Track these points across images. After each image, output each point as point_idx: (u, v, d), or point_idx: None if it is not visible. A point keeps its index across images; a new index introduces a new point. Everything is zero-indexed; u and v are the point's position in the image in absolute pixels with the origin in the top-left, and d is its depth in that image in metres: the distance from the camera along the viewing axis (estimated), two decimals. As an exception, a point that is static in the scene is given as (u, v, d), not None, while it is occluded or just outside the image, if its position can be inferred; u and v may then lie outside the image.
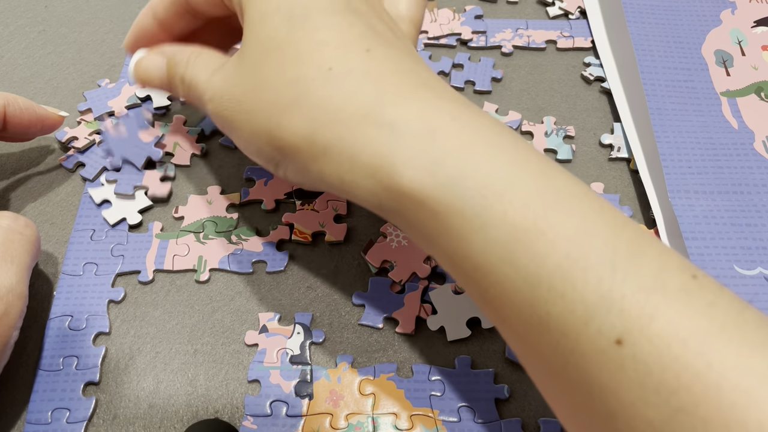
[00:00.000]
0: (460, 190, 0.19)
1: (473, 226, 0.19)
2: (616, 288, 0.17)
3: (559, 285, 0.18)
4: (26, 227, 0.28)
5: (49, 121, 0.34)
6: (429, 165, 0.20)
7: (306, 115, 0.22)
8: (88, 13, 0.43)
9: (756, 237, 0.32)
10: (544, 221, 0.19)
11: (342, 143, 0.21)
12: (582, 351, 0.18)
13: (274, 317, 0.30)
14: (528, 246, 0.19)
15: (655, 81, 0.37)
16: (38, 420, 0.27)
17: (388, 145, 0.21)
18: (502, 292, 0.19)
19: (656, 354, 0.17)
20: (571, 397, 0.19)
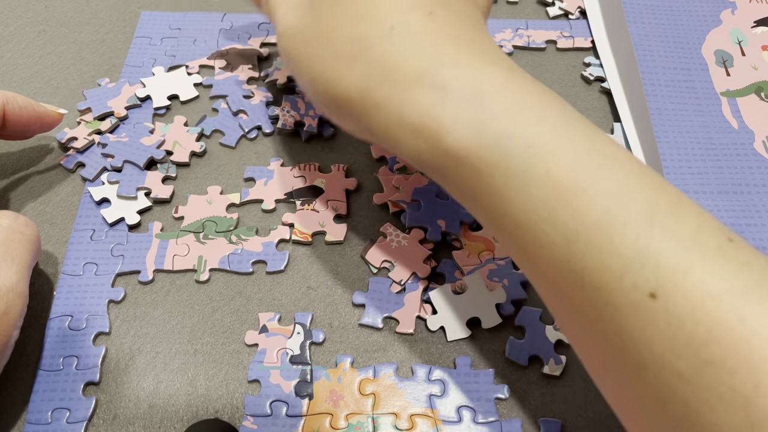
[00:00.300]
0: (506, 148, 0.20)
1: (516, 184, 0.20)
2: (653, 243, 0.18)
3: (597, 240, 0.19)
4: (27, 227, 0.28)
5: (49, 118, 0.34)
6: (476, 125, 0.21)
7: (363, 71, 0.23)
8: (88, 13, 0.43)
9: (756, 237, 0.32)
10: (585, 179, 0.19)
11: (393, 101, 0.22)
12: (616, 304, 0.18)
13: (274, 317, 0.30)
14: (568, 202, 0.19)
15: (655, 81, 0.37)
16: (38, 420, 0.27)
17: (437, 107, 0.21)
18: (540, 248, 0.20)
19: (689, 308, 0.17)
20: (603, 350, 0.19)
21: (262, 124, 0.37)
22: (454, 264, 0.32)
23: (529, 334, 0.30)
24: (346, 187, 0.35)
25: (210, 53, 0.41)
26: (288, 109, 0.37)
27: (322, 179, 0.35)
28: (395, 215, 0.34)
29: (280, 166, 0.35)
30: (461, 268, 0.32)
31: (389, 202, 0.34)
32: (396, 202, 0.34)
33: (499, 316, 0.30)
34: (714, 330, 0.17)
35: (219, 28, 0.42)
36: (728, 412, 0.16)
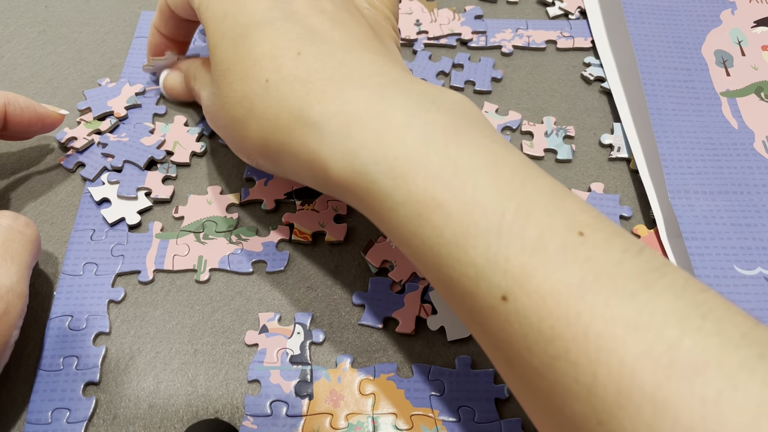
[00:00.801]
0: (374, 175, 0.22)
1: (387, 206, 0.22)
2: (501, 251, 0.19)
3: (455, 253, 0.20)
4: (27, 226, 0.28)
5: (50, 119, 0.34)
6: (348, 156, 0.22)
7: (256, 126, 0.25)
8: (88, 13, 0.43)
9: (756, 237, 0.32)
10: (440, 196, 0.21)
11: (286, 146, 0.24)
12: (479, 307, 0.20)
13: (274, 317, 0.30)
14: (429, 220, 0.21)
15: (655, 81, 0.37)
16: (38, 420, 0.27)
17: (316, 143, 0.23)
18: (420, 261, 0.22)
19: (534, 308, 0.19)
20: (485, 345, 0.22)
21: (262, 124, 0.37)
22: (454, 264, 0.32)
23: (529, 334, 0.30)
24: (346, 187, 0.34)
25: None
26: (288, 109, 0.37)
27: (322, 179, 0.35)
28: (395, 215, 0.34)
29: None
30: (461, 268, 0.32)
31: (389, 202, 0.34)
32: (396, 202, 0.34)
33: (499, 316, 0.30)
34: (555, 326, 0.18)
35: (219, 28, 0.42)
36: (575, 402, 0.18)
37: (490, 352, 0.21)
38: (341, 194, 0.24)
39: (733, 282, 0.30)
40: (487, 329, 0.20)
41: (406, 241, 0.22)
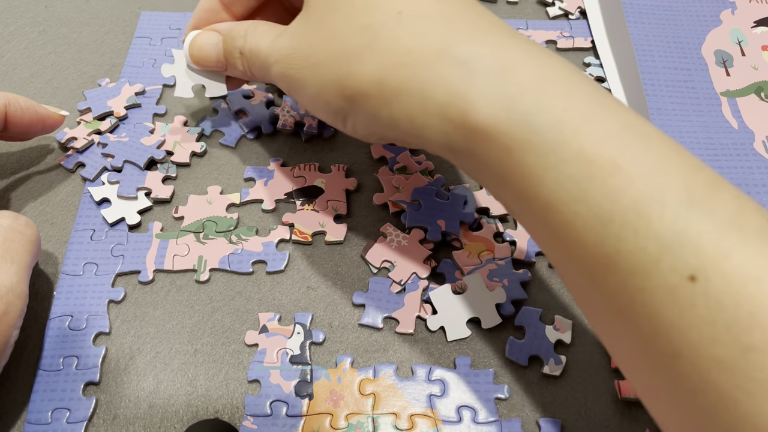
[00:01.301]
0: (536, 125, 0.19)
1: (547, 163, 0.19)
2: (692, 225, 0.17)
3: (633, 222, 0.18)
4: (27, 227, 0.28)
5: (50, 120, 0.34)
6: (504, 100, 0.20)
7: (376, 60, 0.22)
8: (88, 13, 0.43)
9: (756, 237, 0.32)
10: (621, 157, 0.18)
11: (413, 84, 0.21)
12: (652, 288, 0.18)
13: (274, 317, 0.30)
14: (603, 182, 0.18)
15: (655, 81, 0.37)
16: (38, 420, 0.27)
17: (462, 82, 0.21)
18: (572, 230, 0.19)
19: (731, 291, 0.16)
20: (634, 338, 0.19)
21: (262, 124, 0.37)
22: (454, 264, 0.32)
23: (529, 334, 0.30)
24: (346, 187, 0.35)
25: (210, 53, 0.40)
26: (288, 109, 0.37)
27: (322, 179, 0.35)
28: (395, 215, 0.34)
29: (280, 166, 0.35)
30: (461, 268, 0.32)
31: (389, 202, 0.34)
32: (396, 202, 0.34)
33: (499, 316, 0.30)
34: (757, 314, 0.16)
35: (219, 28, 0.42)
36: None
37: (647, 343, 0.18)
38: (475, 146, 0.21)
39: (733, 282, 0.30)
40: (655, 314, 0.18)
41: (561, 207, 0.19)
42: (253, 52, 0.28)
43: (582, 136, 0.19)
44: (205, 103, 0.39)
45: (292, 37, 0.26)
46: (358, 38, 0.23)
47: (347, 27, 0.23)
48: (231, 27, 0.30)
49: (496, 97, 0.20)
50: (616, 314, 0.19)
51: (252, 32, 0.28)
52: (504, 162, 0.20)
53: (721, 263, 0.17)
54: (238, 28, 0.29)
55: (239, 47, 0.29)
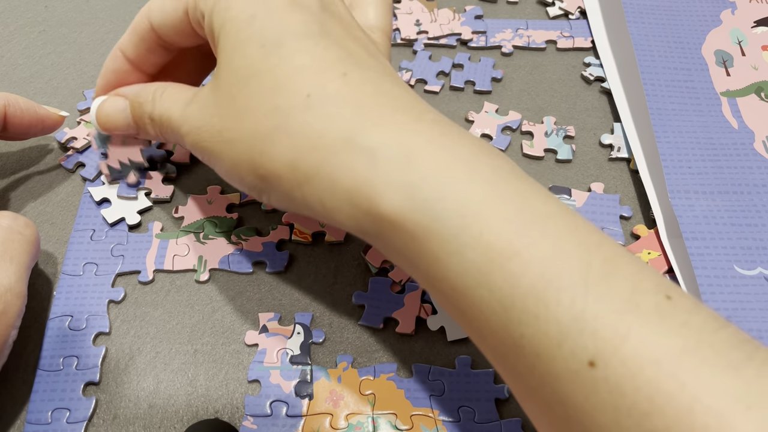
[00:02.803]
0: (438, 211, 0.20)
1: (450, 248, 0.19)
2: (588, 309, 0.17)
3: (533, 306, 0.18)
4: (26, 227, 0.28)
5: (50, 121, 0.34)
6: (406, 188, 0.20)
7: (287, 143, 0.22)
8: (88, 13, 0.43)
9: (756, 237, 0.32)
10: (518, 241, 0.19)
11: (323, 169, 0.21)
12: (556, 372, 0.18)
13: (274, 317, 0.30)
14: (502, 267, 0.19)
15: (655, 81, 0.37)
16: (38, 420, 0.27)
17: (367, 170, 0.21)
18: (479, 314, 0.19)
19: (629, 376, 0.16)
20: (549, 417, 0.19)
21: (262, 124, 0.37)
22: (454, 264, 0.32)
23: (529, 334, 0.30)
24: (346, 187, 0.34)
25: (210, 53, 0.41)
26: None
27: (322, 179, 0.35)
28: (395, 215, 0.34)
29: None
30: (461, 268, 0.32)
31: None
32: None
33: (499, 316, 0.30)
34: (655, 399, 0.16)
35: (219, 28, 0.42)
36: None
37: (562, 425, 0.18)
38: (384, 232, 0.21)
39: (733, 282, 0.30)
40: (564, 398, 0.18)
41: (467, 291, 0.19)
42: (163, 119, 0.27)
43: (482, 221, 0.19)
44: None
45: (204, 108, 0.25)
46: (270, 119, 0.22)
47: (258, 106, 0.23)
48: (138, 91, 0.29)
49: (399, 186, 0.20)
50: (530, 395, 0.19)
51: (160, 97, 0.27)
52: (411, 248, 0.21)
53: (618, 346, 0.17)
54: (145, 91, 0.28)
55: (148, 113, 0.28)
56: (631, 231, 0.34)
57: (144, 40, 0.28)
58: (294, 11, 0.23)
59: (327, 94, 0.22)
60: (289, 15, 0.23)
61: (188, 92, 0.27)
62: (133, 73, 0.30)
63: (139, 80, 0.30)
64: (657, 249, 0.33)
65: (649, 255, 0.33)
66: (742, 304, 0.30)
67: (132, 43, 0.29)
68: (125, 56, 0.29)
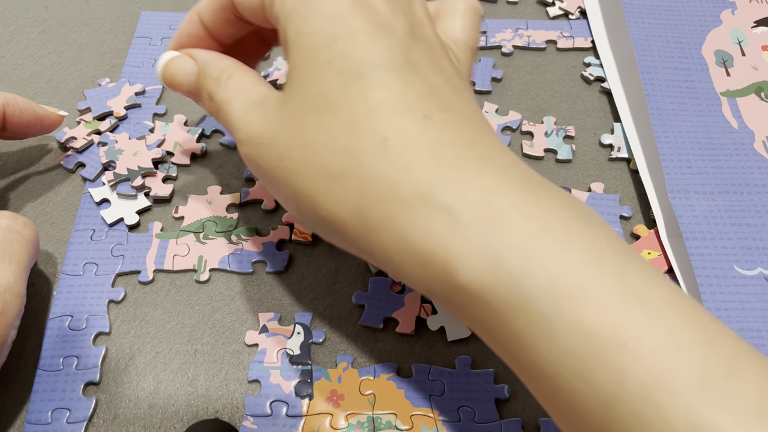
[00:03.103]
0: (526, 289, 0.18)
1: (541, 332, 0.17)
2: (709, 417, 0.16)
3: (641, 409, 0.16)
4: (25, 227, 0.28)
5: (49, 120, 0.34)
6: (490, 259, 0.18)
7: (357, 189, 0.20)
8: (88, 13, 0.43)
9: (756, 237, 0.32)
10: (624, 332, 0.17)
11: (394, 224, 0.20)
12: None
13: (274, 317, 0.30)
14: (605, 360, 0.17)
15: (655, 81, 0.37)
16: (38, 420, 0.27)
17: (445, 233, 0.19)
18: (573, 407, 0.17)
19: None
20: None
21: (262, 124, 0.37)
22: (454, 264, 0.32)
23: (529, 334, 0.30)
24: (346, 187, 0.34)
25: (210, 53, 0.40)
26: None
27: (322, 179, 0.35)
28: (395, 215, 0.34)
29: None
30: (461, 268, 0.32)
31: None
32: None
33: (499, 316, 0.30)
34: None
35: (219, 28, 0.42)
36: None
37: None
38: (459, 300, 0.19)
39: (733, 282, 0.30)
40: None
41: (559, 379, 0.17)
42: (222, 108, 0.25)
43: (579, 305, 0.17)
44: (205, 103, 0.39)
45: (268, 123, 0.23)
46: (340, 159, 0.21)
47: (329, 142, 0.21)
48: (207, 61, 0.26)
49: (481, 255, 0.18)
50: None
51: (225, 81, 0.25)
52: (492, 322, 0.19)
53: None
54: (214, 66, 0.26)
55: (209, 91, 0.26)
56: (631, 231, 0.34)
57: (222, 10, 0.27)
58: (378, 36, 0.21)
59: (405, 140, 0.20)
60: (373, 41, 0.21)
61: (255, 90, 0.24)
62: (207, 40, 0.28)
63: (212, 48, 0.28)
64: (657, 249, 0.33)
65: (649, 255, 0.33)
66: (742, 304, 0.30)
67: (210, 10, 0.27)
68: (202, 22, 0.28)
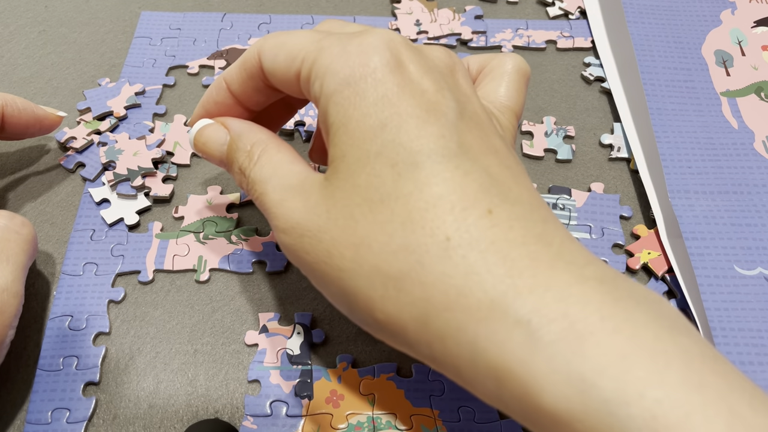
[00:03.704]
0: (622, 419, 0.16)
1: None
2: None
3: None
4: (23, 226, 0.28)
5: (48, 121, 0.34)
6: (578, 383, 0.16)
7: (419, 294, 0.19)
8: (88, 13, 0.43)
9: (756, 237, 0.32)
10: None
11: (463, 335, 0.18)
12: None
13: (274, 317, 0.30)
14: None
15: (655, 81, 0.37)
16: (38, 420, 0.27)
17: (523, 350, 0.17)
18: None
19: None
20: None
21: (262, 124, 0.37)
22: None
23: (529, 334, 0.30)
24: (346, 187, 0.34)
25: (210, 53, 0.41)
26: (288, 109, 0.37)
27: (322, 179, 0.35)
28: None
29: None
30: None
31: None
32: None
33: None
34: None
35: (219, 28, 0.42)
36: None
37: None
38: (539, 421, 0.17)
39: (733, 282, 0.30)
40: None
41: None
42: (255, 188, 0.23)
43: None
44: (205, 103, 0.39)
45: (311, 214, 0.21)
46: (398, 260, 0.19)
47: (385, 241, 0.19)
48: (240, 132, 0.25)
49: (567, 377, 0.16)
50: None
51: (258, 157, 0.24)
52: None
53: None
54: (247, 138, 0.25)
55: (241, 165, 0.24)
56: (631, 231, 0.34)
57: (252, 78, 0.25)
58: (430, 121, 0.20)
59: (470, 240, 0.18)
60: (425, 127, 0.20)
61: (291, 170, 0.23)
62: (235, 108, 0.27)
63: (240, 115, 0.27)
64: (657, 249, 0.33)
65: (649, 255, 0.33)
66: (742, 304, 0.30)
67: (240, 79, 0.26)
68: (230, 89, 0.26)
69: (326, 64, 0.21)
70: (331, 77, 0.21)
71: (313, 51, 0.22)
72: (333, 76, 0.21)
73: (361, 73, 0.21)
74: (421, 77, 0.21)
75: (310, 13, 0.43)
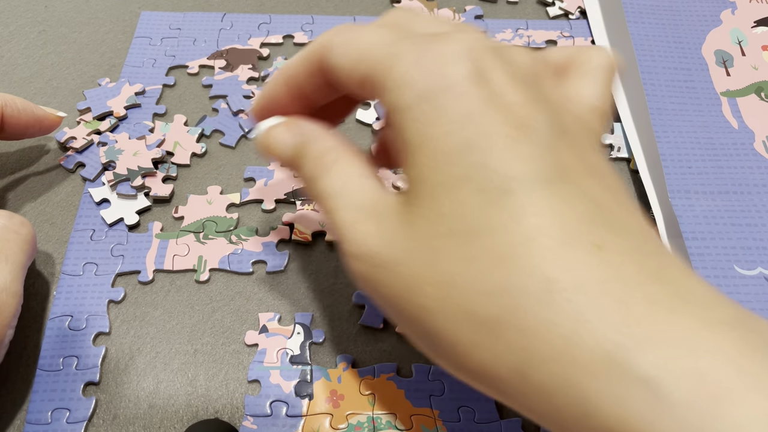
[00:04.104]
0: None
1: None
2: None
3: None
4: (22, 226, 0.28)
5: (48, 121, 0.34)
6: None
7: (517, 342, 0.16)
8: (88, 13, 0.43)
9: (756, 237, 0.32)
10: None
11: (572, 390, 0.16)
12: None
13: (274, 317, 0.30)
14: None
15: (655, 81, 0.37)
16: (38, 420, 0.27)
17: (650, 413, 0.15)
18: None
19: None
20: None
21: (262, 124, 0.37)
22: (454, 264, 0.32)
23: (529, 334, 0.30)
24: (346, 187, 0.34)
25: (210, 53, 0.41)
26: (288, 109, 0.37)
27: (322, 179, 0.35)
28: (395, 215, 0.34)
29: (280, 166, 0.35)
30: (461, 268, 0.32)
31: (389, 202, 0.34)
32: (396, 202, 0.34)
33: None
34: None
35: (219, 28, 0.42)
36: None
37: None
38: None
39: (733, 282, 0.30)
40: None
41: None
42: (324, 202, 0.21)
43: None
44: (205, 103, 0.39)
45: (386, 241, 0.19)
46: (491, 304, 0.17)
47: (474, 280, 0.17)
48: (311, 136, 0.23)
49: None
50: None
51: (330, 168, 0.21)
52: None
53: None
54: (317, 144, 0.22)
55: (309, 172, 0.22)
56: (631, 231, 0.34)
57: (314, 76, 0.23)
58: (520, 140, 0.18)
59: (576, 282, 0.16)
60: (515, 147, 0.18)
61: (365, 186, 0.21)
62: (293, 105, 0.25)
63: (300, 112, 0.25)
64: (657, 249, 0.33)
65: (649, 255, 0.33)
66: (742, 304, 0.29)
67: (302, 76, 0.23)
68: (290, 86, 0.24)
69: (401, 73, 0.19)
70: (407, 89, 0.19)
71: (385, 57, 0.20)
72: (409, 88, 0.19)
73: (441, 86, 0.18)
74: (508, 88, 0.19)
75: (310, 13, 0.43)
